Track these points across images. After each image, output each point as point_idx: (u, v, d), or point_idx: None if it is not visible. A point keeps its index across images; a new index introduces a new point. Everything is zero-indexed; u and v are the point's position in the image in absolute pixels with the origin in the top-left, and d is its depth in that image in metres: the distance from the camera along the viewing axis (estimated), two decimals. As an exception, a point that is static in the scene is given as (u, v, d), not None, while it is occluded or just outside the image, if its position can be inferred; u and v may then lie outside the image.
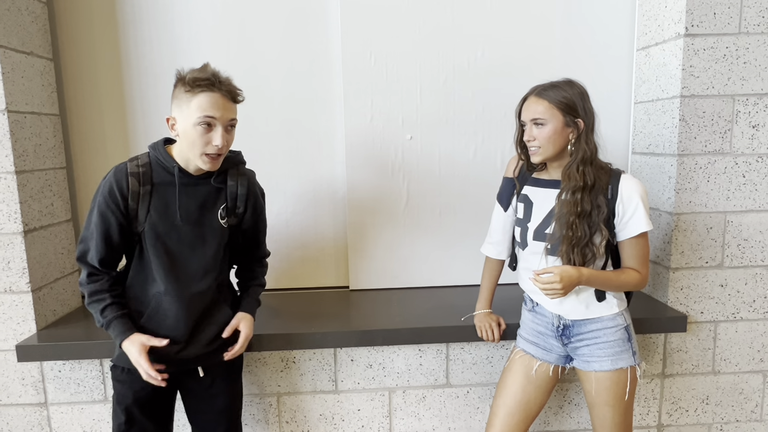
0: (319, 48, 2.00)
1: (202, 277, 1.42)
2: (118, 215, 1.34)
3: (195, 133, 1.28)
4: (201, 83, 1.26)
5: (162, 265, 1.37)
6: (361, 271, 2.12)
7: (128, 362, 1.40)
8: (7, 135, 1.65)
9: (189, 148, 1.32)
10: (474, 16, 1.98)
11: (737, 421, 1.99)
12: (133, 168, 1.35)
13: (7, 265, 1.71)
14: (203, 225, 1.41)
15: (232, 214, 1.47)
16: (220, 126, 1.30)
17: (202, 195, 1.41)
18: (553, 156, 1.41)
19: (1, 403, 1.81)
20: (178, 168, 1.36)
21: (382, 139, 2.03)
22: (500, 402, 1.56)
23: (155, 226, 1.36)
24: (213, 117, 1.28)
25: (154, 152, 1.38)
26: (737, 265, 1.87)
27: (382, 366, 1.84)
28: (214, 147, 1.30)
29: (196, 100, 1.27)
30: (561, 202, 1.40)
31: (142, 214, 1.35)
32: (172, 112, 1.32)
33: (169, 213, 1.37)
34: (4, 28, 1.65)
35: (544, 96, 1.39)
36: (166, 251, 1.37)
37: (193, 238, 1.40)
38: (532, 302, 1.58)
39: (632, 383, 1.45)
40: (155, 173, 1.36)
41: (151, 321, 1.40)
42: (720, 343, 1.92)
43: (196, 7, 1.95)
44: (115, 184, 1.33)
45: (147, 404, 1.46)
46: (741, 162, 1.81)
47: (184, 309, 1.40)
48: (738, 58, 1.76)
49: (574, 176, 1.37)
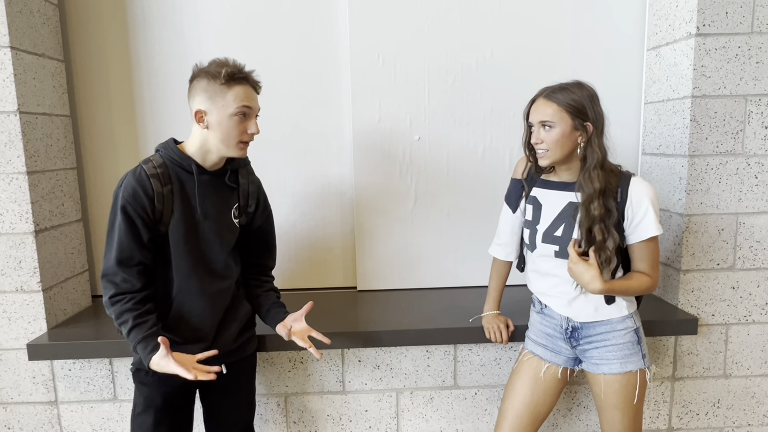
0: (327, 49, 2.00)
1: (224, 273, 1.45)
2: (145, 218, 1.33)
3: (231, 123, 1.33)
4: (237, 76, 1.32)
5: (186, 263, 1.38)
6: (368, 271, 2.11)
7: None
8: (19, 136, 1.67)
9: (223, 139, 1.34)
10: (482, 15, 1.97)
11: (749, 425, 1.96)
12: (151, 170, 1.35)
13: (18, 264, 1.73)
14: (221, 221, 1.43)
15: (243, 213, 1.49)
16: (254, 116, 1.38)
17: (218, 192, 1.43)
18: (561, 159, 1.39)
19: (12, 401, 1.83)
20: (195, 164, 1.38)
21: (390, 139, 2.02)
22: (508, 404, 1.56)
23: (178, 224, 1.37)
24: (249, 107, 1.35)
25: (167, 151, 1.39)
26: (749, 267, 1.85)
27: (390, 367, 1.84)
28: (249, 135, 1.37)
29: (233, 92, 1.32)
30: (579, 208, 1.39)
31: (167, 214, 1.36)
32: (200, 105, 1.33)
33: (190, 210, 1.38)
34: (17, 30, 1.67)
35: (553, 98, 1.36)
36: (189, 250, 1.39)
37: (213, 234, 1.42)
38: (540, 304, 1.57)
39: (642, 386, 1.44)
40: (172, 172, 1.37)
41: (175, 322, 1.40)
42: (731, 346, 1.90)
43: (205, 8, 1.96)
44: (140, 187, 1.32)
45: (175, 404, 1.46)
46: (753, 163, 1.79)
47: (209, 306, 1.42)
48: (750, 58, 1.74)
49: (588, 183, 1.36)
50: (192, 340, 1.42)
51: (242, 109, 1.33)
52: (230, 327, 1.48)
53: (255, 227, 1.55)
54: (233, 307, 1.49)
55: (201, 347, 1.41)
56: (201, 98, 1.33)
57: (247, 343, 1.56)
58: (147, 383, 1.43)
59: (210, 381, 1.46)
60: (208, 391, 1.55)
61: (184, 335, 1.40)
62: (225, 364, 1.47)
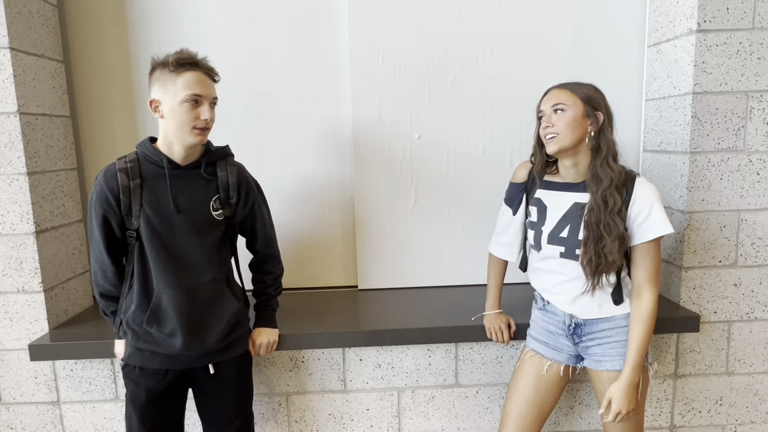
0: (327, 48, 2.00)
1: (202, 268, 1.43)
2: (112, 214, 1.37)
3: (182, 110, 1.34)
4: (185, 63, 1.33)
5: (160, 258, 1.39)
6: (369, 270, 2.11)
7: (140, 360, 1.43)
8: (19, 137, 1.67)
9: (177, 126, 1.35)
10: (482, 13, 1.96)
11: (752, 422, 1.96)
12: (121, 165, 1.38)
13: (19, 265, 1.73)
14: (198, 215, 1.42)
15: (225, 205, 1.48)
16: (206, 102, 1.37)
17: (193, 185, 1.43)
18: (569, 146, 1.37)
19: (14, 401, 1.83)
20: (166, 159, 1.39)
21: (390, 138, 2.02)
22: (512, 403, 1.56)
23: (149, 219, 1.38)
24: (199, 95, 1.35)
25: (141, 149, 1.42)
26: (751, 264, 1.84)
27: (391, 366, 1.84)
28: (202, 121, 1.36)
29: (182, 79, 1.33)
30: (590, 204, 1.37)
31: (136, 208, 1.37)
32: (154, 95, 1.36)
33: (162, 204, 1.39)
34: (16, 31, 1.67)
35: (567, 87, 1.41)
36: (163, 244, 1.39)
37: (190, 228, 1.41)
38: (543, 300, 1.56)
39: (644, 384, 1.43)
40: (144, 167, 1.40)
41: (154, 319, 1.41)
42: (734, 343, 1.89)
43: (205, 8, 1.96)
44: (105, 183, 1.37)
45: (160, 401, 1.47)
46: (755, 159, 1.78)
47: (186, 302, 1.40)
48: (752, 54, 1.73)
49: (607, 172, 1.35)
50: (171, 333, 1.41)
51: (192, 97, 1.33)
52: (215, 325, 1.45)
53: (241, 219, 1.54)
54: (217, 304, 1.46)
55: (179, 343, 1.41)
56: (155, 88, 1.36)
57: (237, 342, 1.52)
58: (134, 378, 1.45)
59: (199, 381, 1.50)
60: (199, 392, 1.54)
61: (161, 332, 1.41)
62: (213, 363, 1.48)
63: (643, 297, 1.38)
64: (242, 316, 1.54)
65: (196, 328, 1.42)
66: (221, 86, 1.47)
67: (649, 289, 1.38)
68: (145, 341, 1.42)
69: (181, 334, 1.40)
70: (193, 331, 1.42)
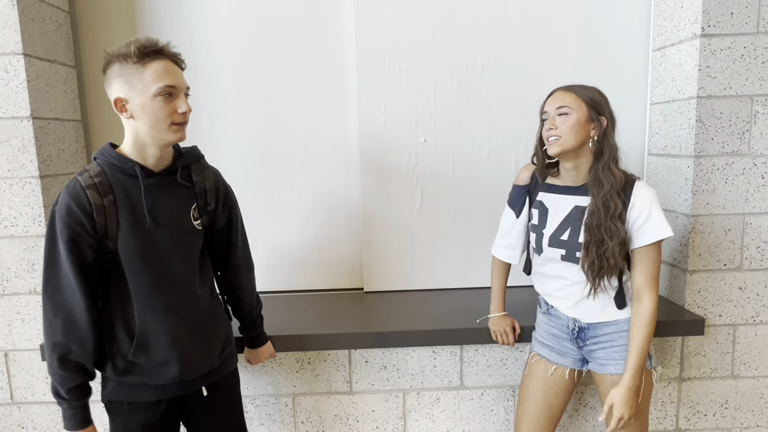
0: (333, 52, 2.02)
1: (191, 286, 1.29)
2: (85, 236, 1.16)
3: (156, 105, 1.17)
4: (149, 51, 1.16)
5: (143, 279, 1.22)
6: (375, 273, 2.13)
7: (128, 395, 1.29)
8: (32, 141, 1.70)
9: (152, 124, 1.18)
10: (487, 17, 1.98)
11: (757, 426, 1.96)
12: (87, 180, 1.18)
13: (31, 267, 1.76)
14: (178, 227, 1.27)
15: (204, 213, 1.34)
16: (181, 93, 1.21)
17: (170, 194, 1.27)
18: (571, 149, 1.38)
19: (26, 401, 1.86)
20: (139, 166, 1.22)
21: (395, 142, 2.04)
22: (524, 409, 1.57)
23: (127, 237, 1.20)
24: (173, 86, 1.18)
25: (104, 158, 1.23)
26: (756, 267, 1.84)
27: (397, 367, 1.85)
28: (180, 115, 1.20)
29: (150, 70, 1.16)
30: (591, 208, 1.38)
31: (113, 228, 1.19)
32: (118, 93, 1.18)
33: (138, 219, 1.21)
34: (30, 37, 1.70)
35: (572, 89, 1.41)
36: (146, 263, 1.22)
37: (171, 242, 1.25)
38: (546, 305, 1.57)
39: (647, 388, 1.44)
40: (113, 180, 1.21)
41: (142, 350, 1.24)
42: (739, 346, 1.89)
43: (214, 13, 1.99)
44: (74, 202, 1.15)
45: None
46: (760, 163, 1.79)
47: (180, 324, 1.27)
48: (756, 58, 1.74)
49: (608, 177, 1.36)
50: (164, 362, 1.26)
51: (165, 89, 1.17)
52: (211, 344, 1.34)
53: (219, 227, 1.39)
54: (211, 320, 1.35)
55: (175, 371, 1.27)
56: (117, 85, 1.17)
57: (228, 360, 1.43)
58: (124, 415, 1.30)
59: (192, 405, 1.37)
60: (192, 414, 1.40)
61: (155, 359, 1.25)
62: (206, 385, 1.36)
63: (643, 301, 1.39)
64: (230, 331, 1.46)
65: (192, 353, 1.29)
66: (228, 90, 1.45)
67: (648, 292, 1.38)
68: (132, 374, 1.27)
69: (177, 361, 1.26)
70: (189, 356, 1.29)
